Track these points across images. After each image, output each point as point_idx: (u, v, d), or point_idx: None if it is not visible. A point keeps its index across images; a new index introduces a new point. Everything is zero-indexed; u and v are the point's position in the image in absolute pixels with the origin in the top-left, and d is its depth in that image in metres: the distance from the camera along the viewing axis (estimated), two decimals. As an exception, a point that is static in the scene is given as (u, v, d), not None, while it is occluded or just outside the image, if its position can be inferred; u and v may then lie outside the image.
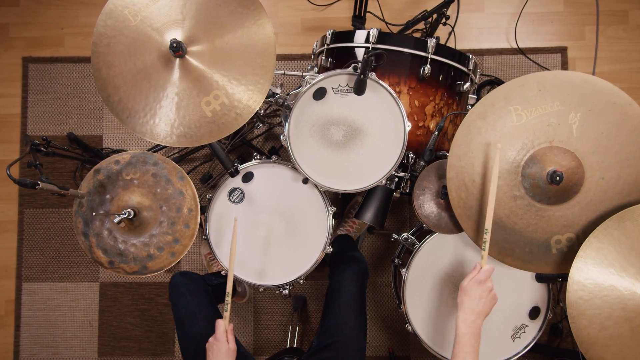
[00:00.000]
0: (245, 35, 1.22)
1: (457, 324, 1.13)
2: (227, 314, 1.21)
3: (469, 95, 1.55)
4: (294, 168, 1.42)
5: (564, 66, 2.16)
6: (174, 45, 1.17)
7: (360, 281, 1.49)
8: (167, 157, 1.48)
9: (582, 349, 1.09)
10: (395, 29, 2.00)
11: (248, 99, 1.23)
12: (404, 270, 1.42)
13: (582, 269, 1.11)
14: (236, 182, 1.46)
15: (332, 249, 1.45)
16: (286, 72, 1.53)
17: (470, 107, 1.53)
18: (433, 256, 1.41)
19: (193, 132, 1.24)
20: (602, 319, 1.08)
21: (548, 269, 1.24)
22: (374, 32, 1.39)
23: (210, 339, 1.19)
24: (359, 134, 1.34)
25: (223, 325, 1.20)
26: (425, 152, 1.40)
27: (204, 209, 1.45)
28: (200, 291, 1.46)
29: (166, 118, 1.24)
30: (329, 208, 1.45)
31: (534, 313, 1.42)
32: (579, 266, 1.11)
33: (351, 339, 1.37)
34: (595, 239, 1.12)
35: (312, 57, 1.69)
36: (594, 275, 1.10)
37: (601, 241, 1.11)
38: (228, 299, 1.21)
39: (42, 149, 1.60)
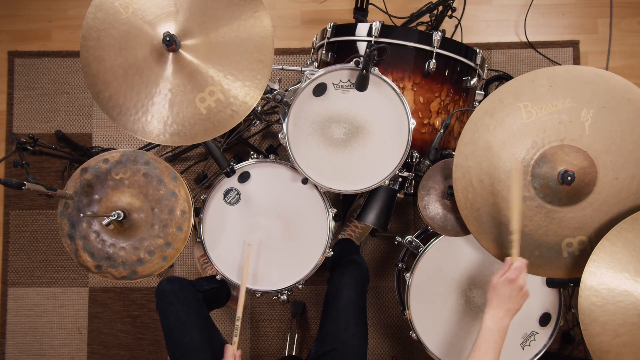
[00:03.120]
0: (242, 28, 1.22)
1: (484, 317, 1.14)
2: (236, 339, 1.25)
3: (476, 92, 1.55)
4: (293, 168, 1.42)
5: (576, 61, 2.16)
6: (167, 38, 1.17)
7: (359, 286, 1.49)
8: (160, 156, 1.48)
9: (595, 358, 1.09)
10: (399, 22, 2.00)
11: (245, 95, 1.23)
12: (408, 274, 1.42)
13: (595, 274, 1.11)
14: (232, 182, 1.46)
15: (332, 253, 1.45)
16: (285, 67, 1.53)
17: (477, 104, 1.53)
18: (439, 260, 1.41)
19: (187, 130, 1.24)
20: (616, 325, 1.08)
21: (559, 273, 1.24)
22: (376, 25, 1.39)
23: None
24: (361, 132, 1.34)
25: (232, 350, 1.24)
26: (430, 150, 1.40)
27: (198, 211, 1.45)
28: (190, 299, 1.44)
29: (159, 115, 1.24)
30: (330, 210, 1.44)
31: (544, 320, 1.42)
32: (592, 270, 1.11)
33: (351, 346, 1.37)
34: (609, 242, 1.12)
35: (312, 51, 1.69)
36: (607, 280, 1.10)
37: (615, 244, 1.11)
38: (238, 323, 1.26)
39: (29, 147, 1.60)
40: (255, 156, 1.48)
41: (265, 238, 1.46)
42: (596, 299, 1.10)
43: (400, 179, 1.48)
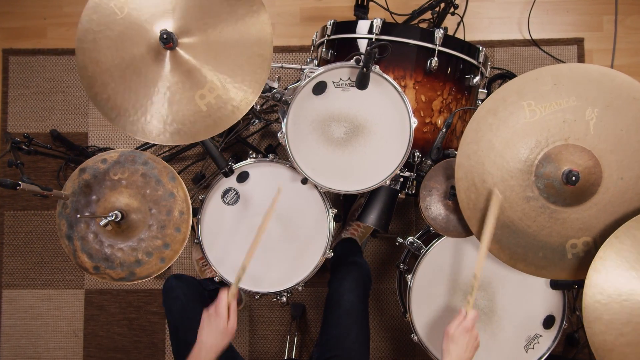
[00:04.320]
0: (240, 23, 1.22)
1: None
2: (234, 288, 1.15)
3: (479, 90, 1.55)
4: (292, 167, 1.42)
5: (581, 59, 2.16)
6: (164, 36, 1.17)
7: (362, 289, 1.49)
8: (157, 155, 1.48)
9: (597, 357, 1.10)
10: (400, 19, 2.00)
11: (245, 90, 1.23)
12: (409, 276, 1.42)
13: (601, 271, 1.11)
14: (230, 182, 1.46)
15: (332, 254, 1.45)
16: (284, 65, 1.53)
17: (480, 103, 1.54)
18: (441, 261, 1.41)
19: (187, 129, 1.24)
20: (620, 324, 1.08)
21: (563, 275, 1.24)
22: (377, 23, 1.39)
23: (210, 309, 1.16)
24: (362, 131, 1.34)
25: (226, 298, 1.16)
26: (432, 150, 1.41)
27: (196, 211, 1.45)
28: (197, 296, 1.46)
29: (158, 115, 1.24)
30: (330, 210, 1.45)
31: (548, 322, 1.42)
32: (598, 268, 1.11)
33: (353, 352, 1.37)
34: (617, 240, 1.12)
35: (312, 49, 1.69)
36: (613, 278, 1.10)
37: (623, 242, 1.11)
38: (242, 272, 1.15)
39: (24, 147, 1.61)
40: (254, 156, 1.49)
41: (264, 239, 1.46)
42: (601, 296, 1.10)
43: (401, 179, 1.48)
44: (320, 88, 1.33)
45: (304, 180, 1.45)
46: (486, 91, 1.56)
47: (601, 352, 1.09)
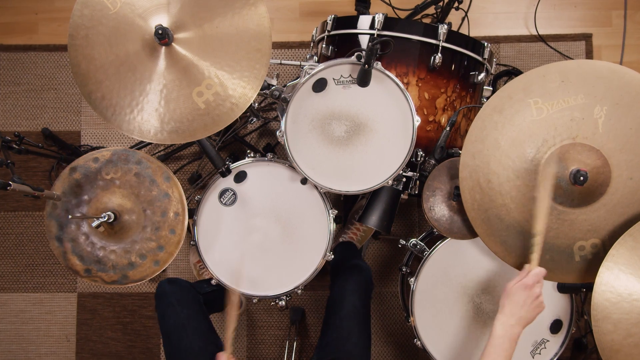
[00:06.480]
0: (237, 16, 1.22)
1: (494, 324, 1.14)
2: (229, 348, 1.23)
3: (484, 87, 1.55)
4: (292, 167, 1.42)
5: (589, 55, 2.16)
6: (160, 32, 1.16)
7: (363, 292, 1.49)
8: (152, 155, 1.48)
9: (604, 357, 1.10)
10: (403, 14, 2.00)
11: (244, 86, 1.23)
12: (412, 279, 1.42)
13: (613, 269, 1.11)
14: (228, 182, 1.46)
15: (332, 256, 1.45)
16: (283, 62, 1.53)
17: (485, 100, 1.54)
18: (445, 264, 1.41)
19: (185, 127, 1.24)
20: (629, 325, 1.08)
21: (571, 278, 1.24)
22: (379, 18, 1.39)
23: None
24: (363, 130, 1.34)
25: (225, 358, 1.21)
26: (435, 149, 1.40)
27: (192, 212, 1.45)
28: (190, 301, 1.46)
29: (155, 113, 1.24)
30: (330, 211, 1.44)
31: (555, 327, 1.42)
32: (610, 265, 1.11)
33: (354, 355, 1.37)
34: (631, 238, 1.11)
35: (312, 45, 1.69)
36: (625, 277, 1.10)
37: (637, 240, 1.11)
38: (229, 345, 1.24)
39: (14, 146, 1.61)
40: (252, 155, 1.49)
41: (263, 241, 1.46)
42: (611, 295, 1.10)
43: (404, 179, 1.48)
44: (320, 85, 1.32)
45: (304, 181, 1.45)
46: (491, 88, 1.56)
47: (608, 352, 1.09)
